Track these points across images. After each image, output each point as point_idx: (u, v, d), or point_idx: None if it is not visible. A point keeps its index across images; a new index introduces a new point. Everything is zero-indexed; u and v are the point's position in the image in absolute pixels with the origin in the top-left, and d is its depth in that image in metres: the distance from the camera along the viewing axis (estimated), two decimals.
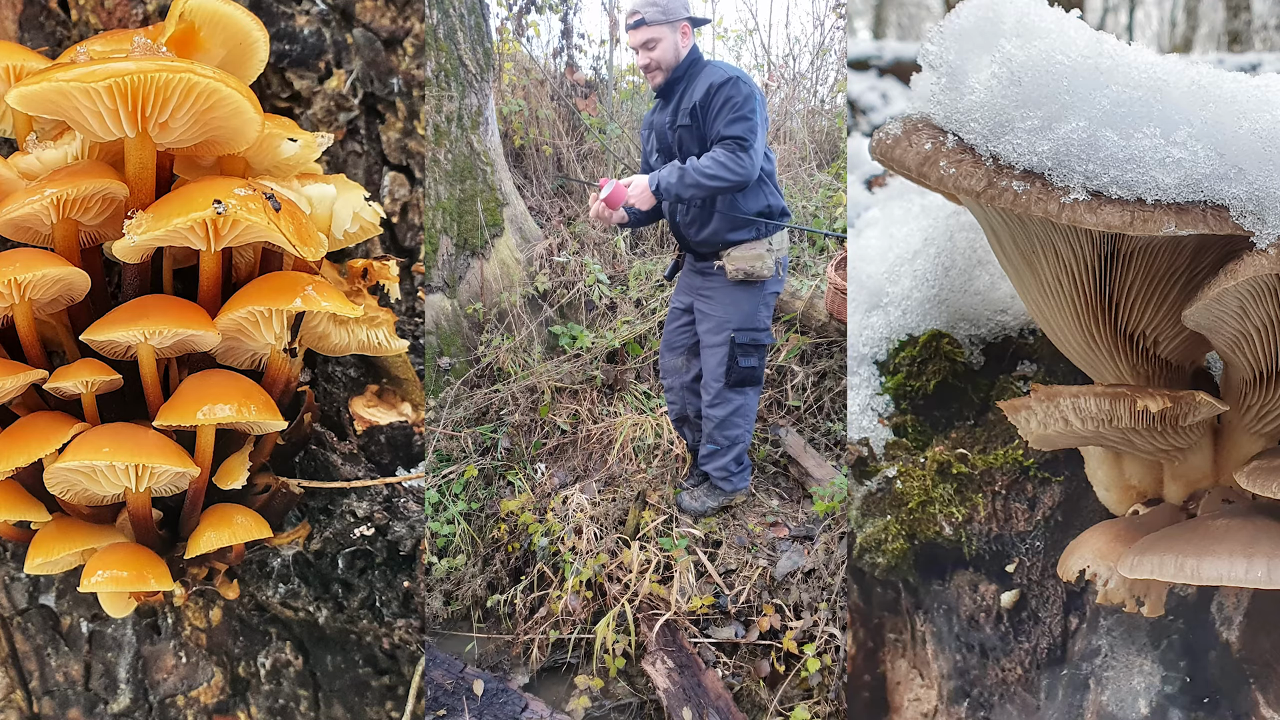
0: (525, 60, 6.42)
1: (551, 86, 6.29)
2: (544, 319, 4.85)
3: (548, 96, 6.17)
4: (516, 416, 4.45)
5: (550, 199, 5.76)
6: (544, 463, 4.31)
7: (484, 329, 4.72)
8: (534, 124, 5.87)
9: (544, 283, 4.94)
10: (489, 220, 4.70)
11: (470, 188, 4.63)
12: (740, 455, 3.83)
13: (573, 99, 6.30)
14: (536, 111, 5.93)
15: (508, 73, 5.96)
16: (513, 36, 6.37)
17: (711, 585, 3.61)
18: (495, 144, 4.86)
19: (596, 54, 6.77)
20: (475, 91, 4.58)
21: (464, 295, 4.63)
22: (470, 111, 4.56)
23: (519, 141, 5.73)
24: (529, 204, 5.38)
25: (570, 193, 5.82)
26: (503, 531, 3.86)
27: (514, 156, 5.62)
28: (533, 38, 6.52)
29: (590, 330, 4.93)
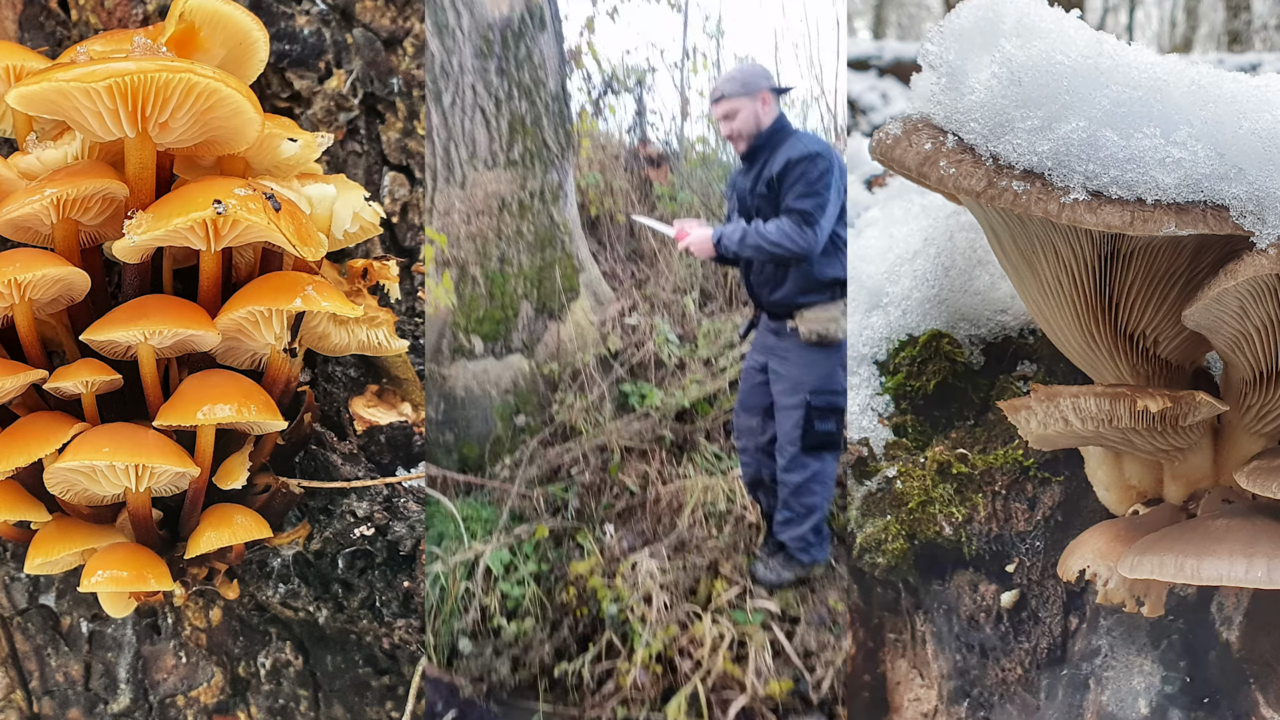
0: (601, 137, 6.71)
1: (625, 159, 6.55)
2: (615, 378, 4.91)
3: (622, 169, 6.42)
4: (587, 476, 4.44)
5: (623, 263, 5.92)
6: (613, 524, 4.25)
7: (558, 388, 4.79)
8: (609, 194, 6.11)
9: (615, 343, 5.01)
10: (565, 285, 4.82)
11: (549, 256, 4.77)
12: (819, 524, 3.66)
13: (645, 170, 6.48)
14: (611, 183, 6.18)
15: (585, 149, 6.22)
16: (591, 117, 6.71)
17: (790, 668, 3.39)
18: (573, 214, 5.02)
19: (668, 128, 7.11)
20: (557, 169, 4.78)
21: (540, 356, 4.73)
22: (551, 187, 4.75)
23: (594, 211, 5.95)
24: (602, 269, 5.48)
25: (641, 256, 5.95)
26: (571, 595, 3.79)
27: (590, 225, 5.78)
28: (609, 117, 6.91)
29: (659, 389, 4.96)
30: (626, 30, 6.97)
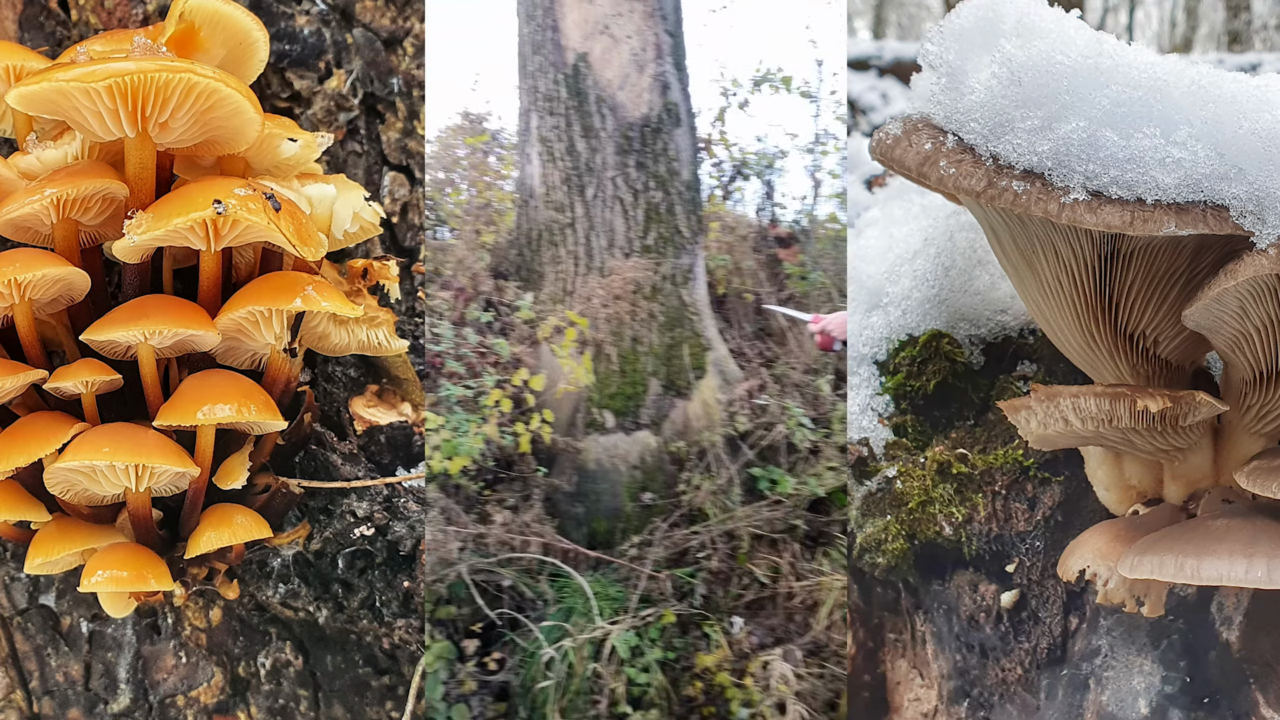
0: (730, 219, 6.79)
1: (754, 240, 6.60)
2: (744, 461, 4.81)
3: (750, 249, 6.44)
4: (714, 562, 4.34)
5: (750, 341, 5.85)
6: (741, 617, 4.17)
7: (685, 467, 4.75)
8: (736, 274, 6.13)
9: (744, 423, 4.89)
10: (693, 363, 4.89)
11: (678, 335, 4.89)
12: None
13: (774, 249, 6.57)
14: (740, 263, 6.19)
15: (714, 230, 6.28)
16: (721, 200, 6.86)
17: None
18: (702, 294, 5.13)
19: (798, 208, 7.21)
20: (688, 253, 4.96)
21: (668, 432, 4.79)
22: (682, 270, 4.92)
23: (722, 290, 5.99)
24: (730, 347, 5.44)
25: (770, 334, 5.95)
26: (698, 690, 3.73)
27: (717, 303, 5.78)
28: (739, 199, 7.07)
29: (791, 475, 4.79)
30: (758, 118, 7.25)
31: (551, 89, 4.80)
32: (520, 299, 4.90)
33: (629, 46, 4.68)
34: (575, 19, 4.74)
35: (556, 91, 4.79)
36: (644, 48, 4.70)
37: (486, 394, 4.28)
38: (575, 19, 4.74)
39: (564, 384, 4.47)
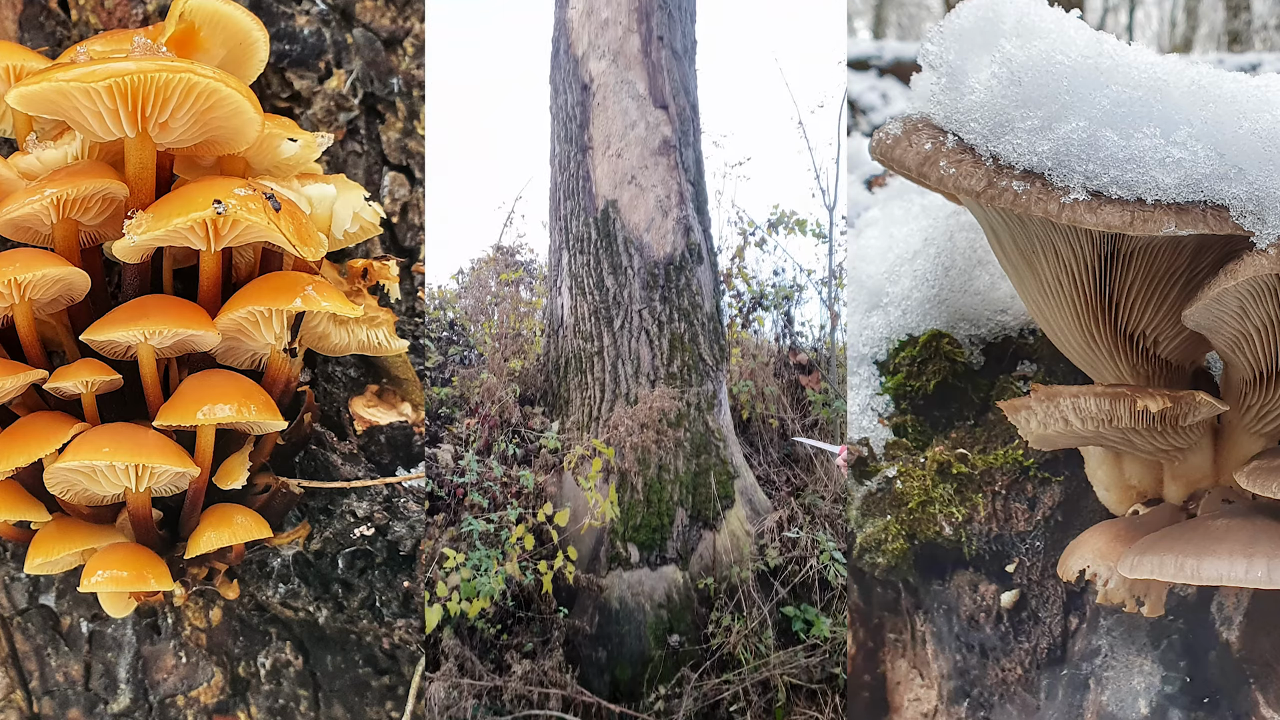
0: (753, 346, 6.96)
1: (775, 366, 6.70)
2: (776, 599, 4.65)
3: (772, 374, 6.52)
4: (749, 717, 4.10)
5: (777, 468, 5.83)
6: None
7: (714, 606, 4.57)
8: (760, 399, 6.15)
9: (774, 557, 4.76)
10: (720, 492, 4.85)
11: (704, 462, 4.88)
12: None
13: (796, 376, 6.72)
14: (763, 389, 6.24)
15: (736, 356, 6.36)
16: (741, 329, 7.09)
17: None
18: (727, 420, 5.19)
19: (817, 335, 7.44)
20: (712, 380, 5.09)
21: (695, 568, 4.70)
22: (706, 396, 5.03)
23: (746, 414, 6.00)
24: (756, 473, 5.43)
25: (796, 460, 5.89)
26: None
27: (742, 427, 5.80)
28: (759, 329, 7.33)
29: (827, 616, 4.61)
30: (775, 254, 7.75)
31: (582, 230, 5.08)
32: (547, 426, 4.90)
33: (655, 194, 5.03)
34: (605, 170, 5.08)
35: (587, 232, 5.07)
36: (668, 195, 5.06)
37: (509, 530, 4.18)
38: (605, 170, 5.08)
39: (589, 519, 4.38)
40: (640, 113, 5.09)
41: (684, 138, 5.21)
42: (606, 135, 5.10)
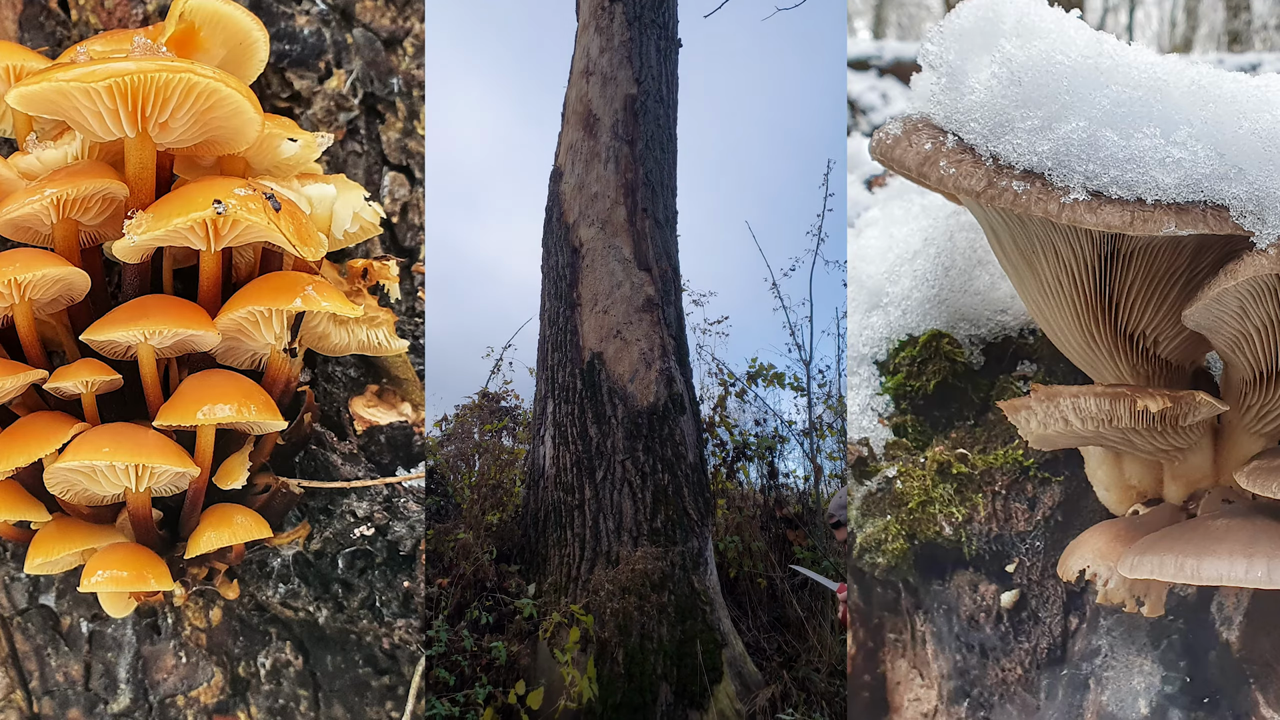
0: (738, 498, 6.84)
1: (761, 519, 6.60)
2: None
3: (759, 528, 6.40)
4: None
5: (767, 633, 5.57)
6: None
7: None
8: (747, 555, 5.98)
9: None
10: (707, 664, 4.56)
11: (690, 628, 4.65)
12: None
13: (783, 529, 6.61)
14: (750, 544, 6.07)
15: (720, 508, 6.27)
16: (725, 479, 7.01)
17: None
18: (713, 581, 5.05)
19: (802, 488, 7.42)
20: (696, 535, 4.98)
21: None
22: (691, 554, 4.90)
23: (733, 572, 5.84)
24: (746, 640, 5.18)
25: (787, 625, 5.63)
26: None
27: (729, 586, 5.61)
28: (743, 479, 7.29)
29: None
30: (755, 404, 7.91)
31: (568, 380, 5.18)
32: (523, 589, 4.66)
33: (639, 347, 5.18)
34: (592, 325, 5.27)
35: (572, 382, 5.16)
36: (651, 348, 5.22)
37: (476, 712, 3.84)
38: (592, 325, 5.27)
39: (565, 699, 4.06)
40: (626, 274, 5.35)
41: (666, 296, 5.46)
42: (594, 293, 5.32)
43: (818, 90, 14.99)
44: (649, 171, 5.68)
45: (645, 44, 5.97)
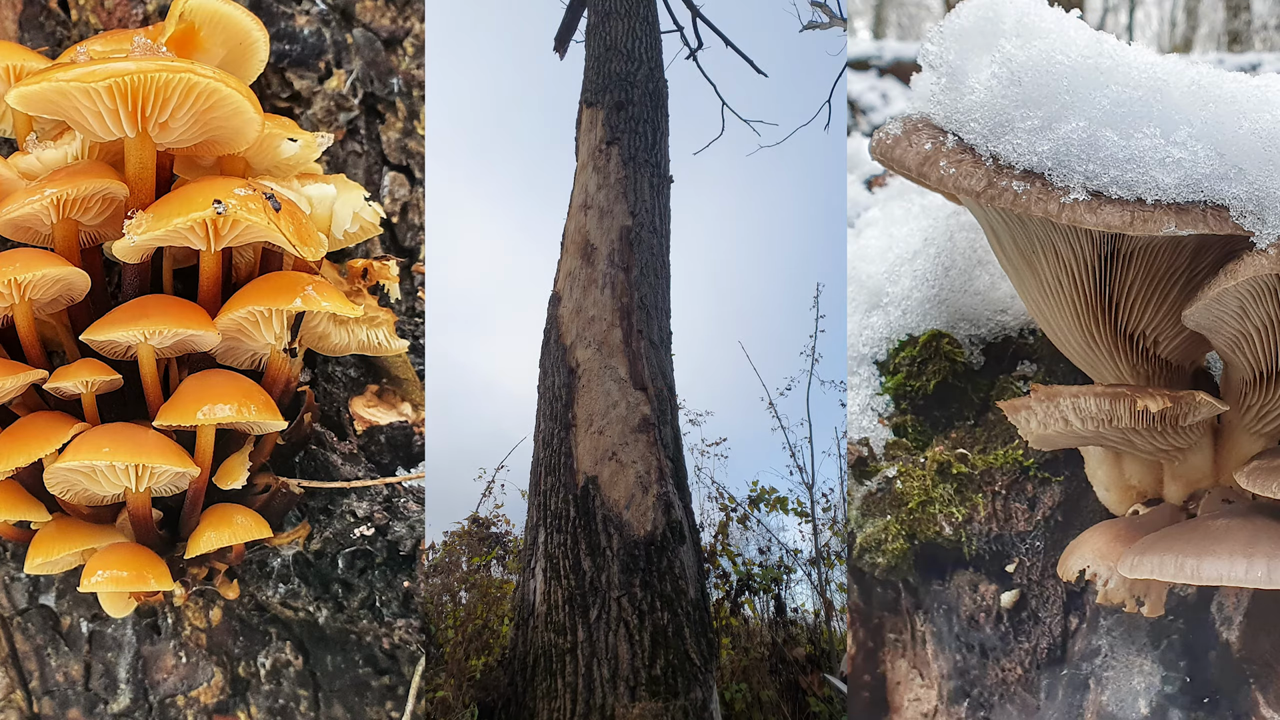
0: (742, 633, 6.43)
1: (771, 661, 6.12)
2: None
3: (768, 672, 5.93)
4: None
5: None
6: None
7: None
8: (757, 708, 5.57)
9: None
10: None
11: None
12: None
13: (795, 674, 6.14)
14: (759, 693, 5.68)
15: (725, 648, 5.93)
16: (729, 614, 6.58)
17: None
18: None
19: (813, 625, 6.93)
20: (700, 685, 4.60)
21: None
22: (695, 707, 4.50)
23: None
24: None
25: None
26: None
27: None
28: (749, 615, 6.89)
29: None
30: (758, 531, 7.59)
31: (561, 507, 4.97)
32: None
33: (635, 470, 4.99)
34: (587, 447, 5.09)
35: (566, 509, 4.94)
36: (648, 470, 5.02)
37: None
38: (587, 447, 5.09)
39: None
40: (621, 393, 5.24)
41: (662, 416, 5.34)
42: (590, 414, 5.19)
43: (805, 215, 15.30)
44: (644, 296, 5.74)
45: (639, 181, 6.18)
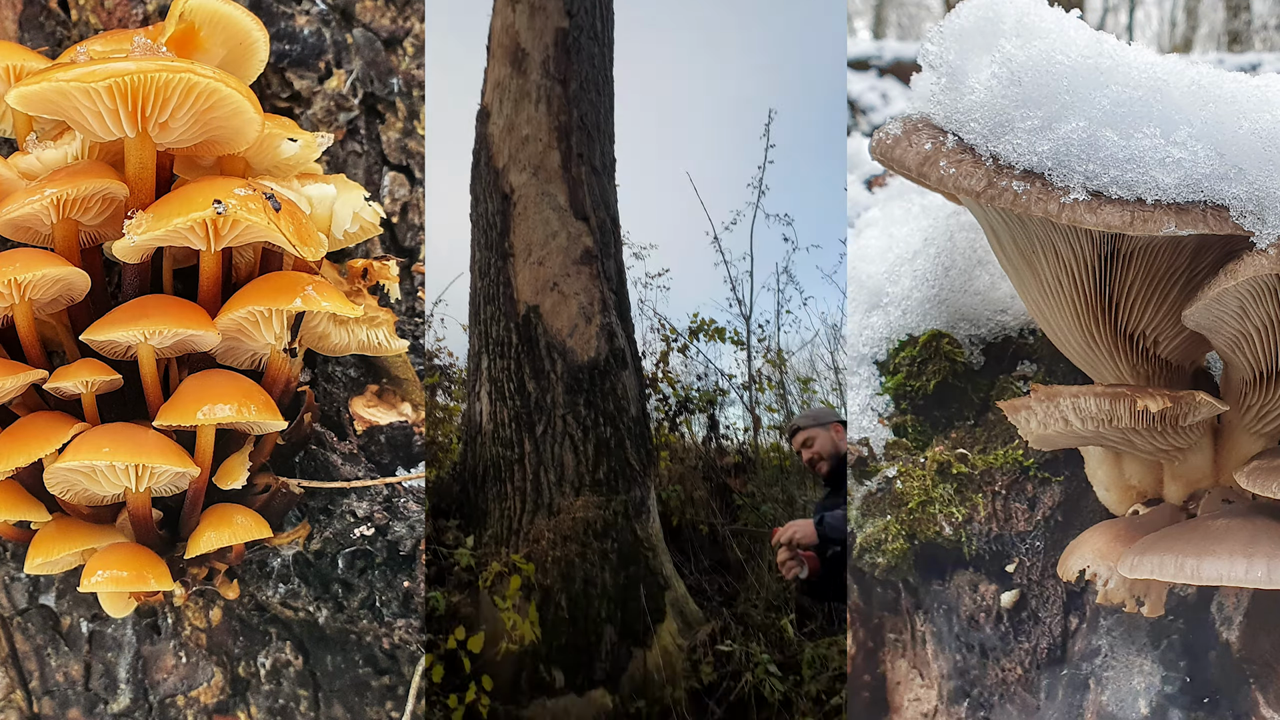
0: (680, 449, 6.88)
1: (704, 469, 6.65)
2: None
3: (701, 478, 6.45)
4: None
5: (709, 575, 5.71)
6: None
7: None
8: (690, 504, 6.05)
9: (709, 673, 4.56)
10: (650, 605, 4.64)
11: (633, 573, 4.67)
12: None
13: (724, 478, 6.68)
14: (691, 493, 6.15)
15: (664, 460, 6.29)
16: (668, 432, 7.03)
17: None
18: (656, 529, 5.00)
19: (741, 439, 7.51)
20: (639, 485, 4.90)
21: (625, 689, 4.43)
22: (634, 503, 4.83)
23: (676, 521, 5.86)
24: (688, 582, 5.27)
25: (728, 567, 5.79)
26: None
27: (672, 535, 5.60)
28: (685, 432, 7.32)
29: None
30: (697, 360, 7.92)
31: (503, 334, 4.98)
32: (461, 542, 4.57)
33: (578, 301, 5.00)
34: (527, 277, 5.04)
35: (508, 337, 4.97)
36: (591, 302, 5.03)
37: None
38: (527, 277, 5.04)
39: (506, 642, 4.03)
40: (561, 223, 5.09)
41: (605, 248, 5.24)
42: (528, 243, 5.07)
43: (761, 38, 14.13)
44: (584, 114, 5.36)
45: None
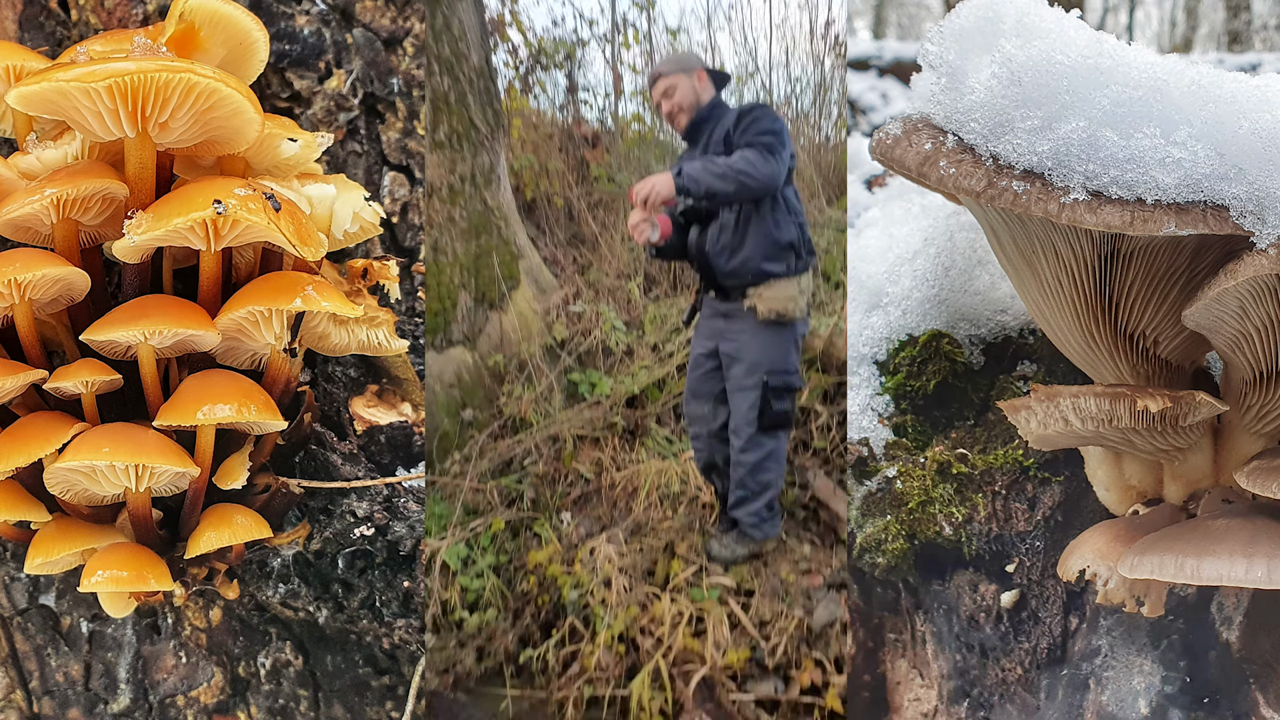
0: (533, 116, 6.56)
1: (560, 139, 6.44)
2: (563, 368, 4.87)
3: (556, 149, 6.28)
4: (540, 467, 4.46)
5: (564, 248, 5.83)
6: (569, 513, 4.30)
7: (505, 380, 4.78)
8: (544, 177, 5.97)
9: (561, 332, 4.95)
10: (505, 274, 4.73)
11: (485, 243, 4.69)
12: (772, 501, 3.73)
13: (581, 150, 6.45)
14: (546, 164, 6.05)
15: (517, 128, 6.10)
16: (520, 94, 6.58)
17: (747, 638, 3.47)
18: (508, 199, 4.94)
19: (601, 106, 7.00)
20: (487, 150, 4.68)
21: (484, 348, 4.66)
22: (483, 169, 4.64)
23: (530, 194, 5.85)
24: (543, 255, 5.42)
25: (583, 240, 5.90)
26: (532, 584, 3.85)
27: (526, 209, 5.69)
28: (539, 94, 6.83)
29: (609, 377, 4.98)
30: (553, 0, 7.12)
31: None
32: None
33: None
34: None
35: None
36: None
37: None
38: None
39: None
40: None
41: None
42: None
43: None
44: None
45: None
